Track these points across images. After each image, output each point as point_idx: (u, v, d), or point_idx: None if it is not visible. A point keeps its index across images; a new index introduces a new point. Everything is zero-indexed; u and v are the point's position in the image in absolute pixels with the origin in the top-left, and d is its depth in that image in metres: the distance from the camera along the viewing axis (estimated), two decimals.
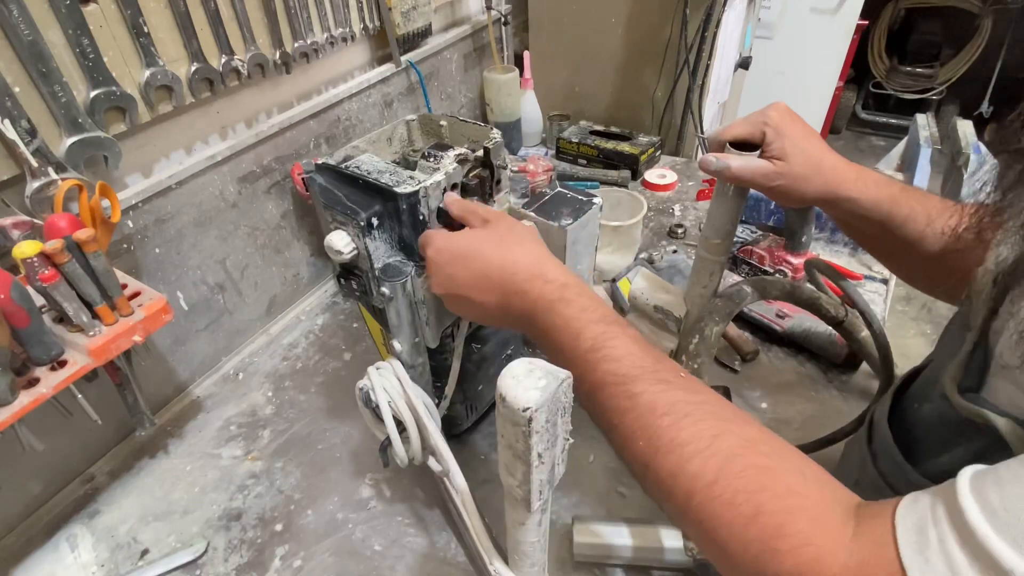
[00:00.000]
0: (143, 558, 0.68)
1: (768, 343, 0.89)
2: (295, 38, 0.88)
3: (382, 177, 0.54)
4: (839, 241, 1.05)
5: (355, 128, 1.05)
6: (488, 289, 0.49)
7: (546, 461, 0.39)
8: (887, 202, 0.53)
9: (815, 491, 0.34)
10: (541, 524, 0.47)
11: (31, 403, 0.56)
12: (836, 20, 2.30)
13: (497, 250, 0.49)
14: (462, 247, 0.51)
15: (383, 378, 0.59)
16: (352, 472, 0.76)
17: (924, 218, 0.52)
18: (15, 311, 0.53)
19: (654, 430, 0.37)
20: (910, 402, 0.48)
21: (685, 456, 0.36)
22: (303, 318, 1.03)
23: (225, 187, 0.85)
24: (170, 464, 0.79)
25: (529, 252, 0.49)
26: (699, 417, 0.37)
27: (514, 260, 0.48)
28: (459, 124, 0.66)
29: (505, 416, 0.36)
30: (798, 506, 0.33)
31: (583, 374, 0.42)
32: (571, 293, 0.45)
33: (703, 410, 0.38)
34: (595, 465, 0.74)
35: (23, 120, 0.60)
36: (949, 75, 3.02)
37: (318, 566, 0.66)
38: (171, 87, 0.73)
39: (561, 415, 0.38)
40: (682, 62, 1.24)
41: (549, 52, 1.40)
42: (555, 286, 0.46)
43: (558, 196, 0.62)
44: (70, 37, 0.62)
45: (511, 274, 0.48)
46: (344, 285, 0.59)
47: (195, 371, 0.90)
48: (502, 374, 0.36)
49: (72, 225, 0.58)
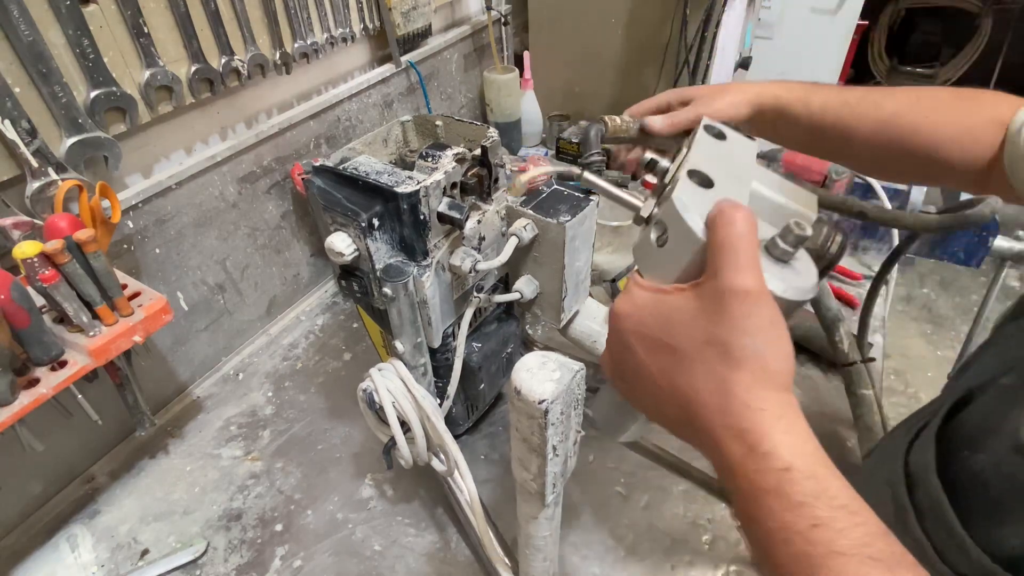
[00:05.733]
0: (143, 558, 0.68)
1: None
2: (295, 38, 0.88)
3: (381, 178, 0.54)
4: None
5: (355, 128, 1.05)
6: (666, 405, 0.35)
7: (560, 453, 0.39)
8: (801, 91, 0.54)
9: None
10: (553, 518, 0.47)
11: (31, 403, 0.56)
12: (836, 20, 2.29)
13: (684, 358, 0.33)
14: (644, 317, 0.35)
15: (386, 379, 0.59)
16: (352, 472, 0.76)
17: (845, 106, 0.52)
18: (15, 311, 0.53)
19: None
20: (956, 448, 0.40)
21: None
22: (303, 318, 1.03)
23: (225, 187, 0.85)
24: (170, 464, 0.79)
25: (730, 384, 0.31)
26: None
27: (694, 393, 0.32)
28: (455, 124, 0.66)
29: (520, 409, 0.36)
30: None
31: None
32: (799, 487, 0.29)
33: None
34: (595, 465, 0.74)
35: (23, 121, 0.60)
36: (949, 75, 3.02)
37: (318, 566, 0.66)
38: (171, 87, 0.73)
39: (574, 407, 0.38)
40: (682, 62, 1.24)
41: (549, 52, 1.40)
42: (772, 469, 0.29)
43: (555, 194, 0.62)
44: (70, 37, 0.62)
45: (690, 412, 0.33)
46: (345, 286, 0.59)
47: (195, 371, 0.90)
48: (516, 367, 0.36)
49: (72, 225, 0.58)
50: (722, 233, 0.32)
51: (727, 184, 0.37)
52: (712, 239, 0.32)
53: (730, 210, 0.32)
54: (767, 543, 0.29)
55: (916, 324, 0.92)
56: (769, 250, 0.34)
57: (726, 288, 0.31)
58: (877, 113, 0.51)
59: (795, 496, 0.28)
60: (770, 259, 0.34)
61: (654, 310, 0.35)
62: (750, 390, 0.31)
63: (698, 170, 0.37)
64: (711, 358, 0.32)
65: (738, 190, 0.38)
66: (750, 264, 0.31)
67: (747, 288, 0.30)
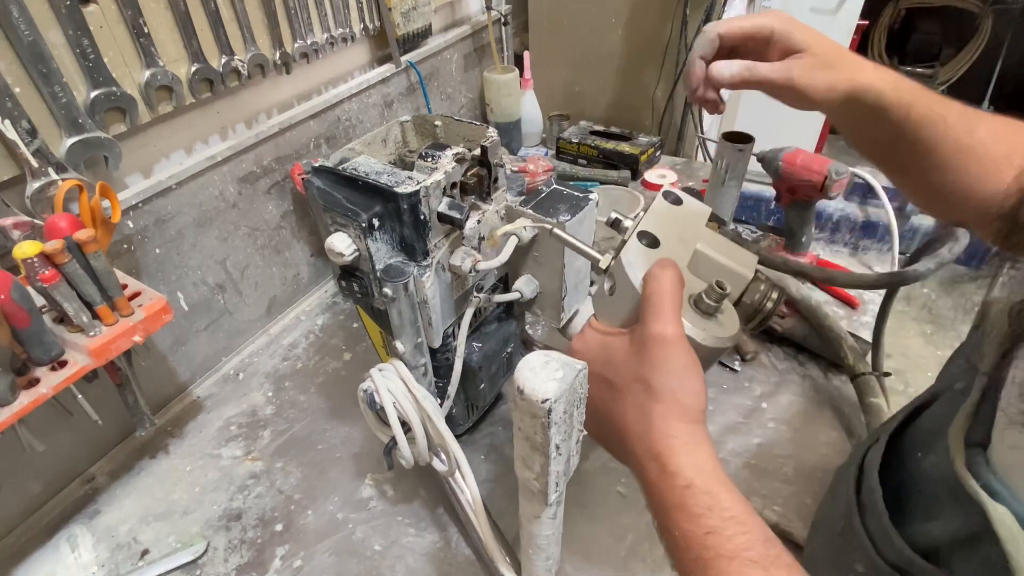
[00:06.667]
0: (143, 558, 0.68)
1: (768, 343, 0.89)
2: (295, 38, 0.88)
3: (381, 178, 0.54)
4: (839, 241, 1.05)
5: (355, 128, 1.06)
6: (605, 430, 0.41)
7: (563, 452, 0.39)
8: (908, 95, 0.44)
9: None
10: (556, 517, 0.47)
11: (31, 403, 0.56)
12: (836, 20, 2.29)
13: (611, 388, 0.39)
14: (591, 355, 0.41)
15: (387, 380, 0.59)
16: (352, 472, 0.76)
17: (941, 122, 0.44)
18: (15, 311, 0.53)
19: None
20: (911, 448, 0.43)
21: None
22: (303, 318, 1.03)
23: (225, 187, 0.85)
24: (170, 464, 0.79)
25: (650, 415, 0.37)
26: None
27: (624, 421, 0.38)
28: (454, 124, 0.66)
29: (523, 408, 0.37)
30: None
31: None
32: (696, 501, 0.34)
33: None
34: (595, 465, 0.74)
35: (23, 120, 0.60)
36: (949, 75, 3.02)
37: (318, 566, 0.66)
38: (171, 87, 0.73)
39: (577, 406, 0.38)
40: (682, 62, 1.24)
41: (549, 52, 1.40)
42: (677, 486, 0.34)
43: (555, 193, 0.62)
44: (70, 37, 0.62)
45: (621, 437, 0.39)
46: (345, 287, 0.59)
47: (195, 371, 0.90)
48: (519, 366, 0.37)
49: (72, 225, 0.58)
50: (650, 288, 0.38)
51: (673, 245, 0.44)
52: (643, 293, 0.39)
53: (659, 270, 0.38)
54: (675, 549, 0.34)
55: (916, 324, 0.92)
56: (697, 304, 0.40)
57: (649, 335, 0.37)
58: (969, 139, 0.43)
59: (694, 509, 0.33)
60: (696, 311, 0.40)
61: (599, 350, 0.41)
62: (665, 419, 0.36)
63: (648, 231, 0.44)
64: (637, 392, 0.37)
65: (682, 251, 0.44)
66: (670, 315, 0.37)
67: (665, 335, 0.36)
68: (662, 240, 0.43)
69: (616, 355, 0.40)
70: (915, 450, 0.43)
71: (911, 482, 0.41)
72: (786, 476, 0.71)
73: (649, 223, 0.45)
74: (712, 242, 0.46)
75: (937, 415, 0.43)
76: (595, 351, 0.41)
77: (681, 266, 0.41)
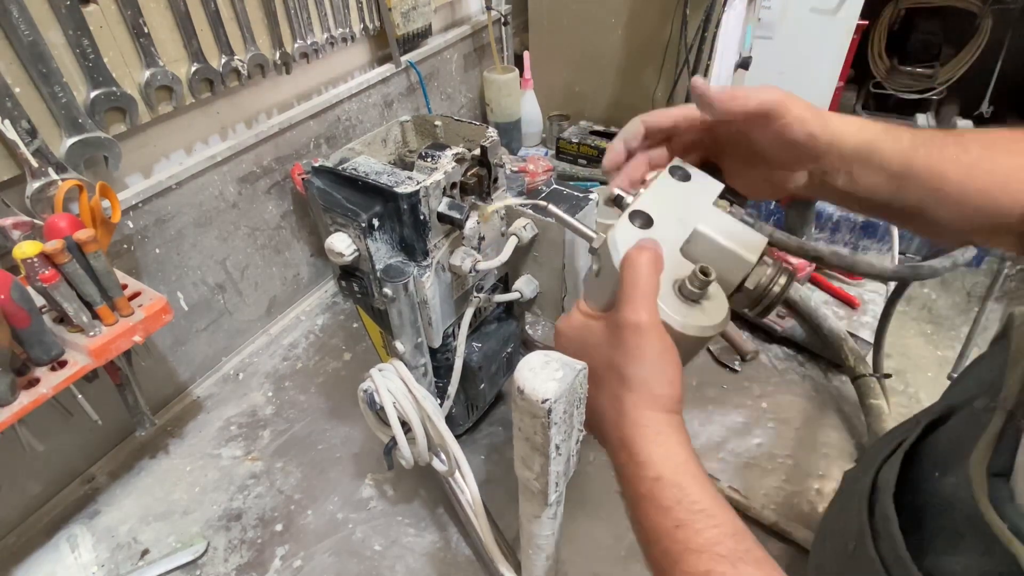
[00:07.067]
0: (143, 558, 0.68)
1: (768, 343, 0.89)
2: (295, 38, 0.88)
3: (381, 178, 0.54)
4: (839, 241, 1.05)
5: (355, 128, 1.05)
6: (585, 413, 0.40)
7: (563, 452, 0.39)
8: (910, 151, 0.38)
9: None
10: (556, 517, 0.47)
11: (31, 403, 0.56)
12: (836, 20, 2.29)
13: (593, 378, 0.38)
14: (572, 335, 0.41)
15: (387, 380, 0.59)
16: (352, 472, 0.76)
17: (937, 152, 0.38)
18: (15, 311, 0.53)
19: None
20: (927, 466, 0.40)
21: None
22: (303, 318, 1.03)
23: (225, 187, 0.85)
24: (170, 464, 0.79)
25: (622, 403, 0.36)
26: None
27: (600, 407, 0.38)
28: (454, 124, 0.66)
29: (523, 409, 0.37)
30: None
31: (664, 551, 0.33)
32: (666, 493, 0.33)
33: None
34: (595, 465, 0.74)
35: (23, 121, 0.60)
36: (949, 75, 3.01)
37: (318, 566, 0.66)
38: (171, 87, 0.73)
39: (577, 406, 0.38)
40: (682, 62, 1.24)
41: (549, 52, 1.40)
42: (646, 477, 0.34)
43: (554, 193, 0.62)
44: (70, 38, 0.62)
45: (599, 421, 0.39)
46: (345, 287, 0.59)
47: (195, 371, 0.90)
48: (519, 366, 0.36)
49: (72, 225, 0.58)
50: (625, 272, 0.36)
51: (668, 225, 0.41)
52: (620, 277, 0.37)
53: (636, 253, 0.37)
54: (644, 541, 0.34)
55: (916, 324, 0.91)
56: (680, 290, 0.38)
57: (622, 321, 0.36)
58: (966, 157, 0.38)
59: (663, 501, 0.33)
60: (679, 298, 0.38)
61: (581, 332, 0.40)
62: (637, 407, 0.35)
63: (641, 211, 0.41)
64: (611, 379, 0.37)
65: (678, 231, 0.42)
66: (644, 301, 0.35)
67: (638, 322, 0.35)
68: (656, 219, 0.41)
69: (593, 339, 0.39)
70: (932, 469, 0.40)
71: (927, 506, 0.39)
72: (786, 476, 0.71)
73: (646, 201, 0.42)
74: (717, 222, 0.42)
75: (955, 433, 0.41)
76: (576, 333, 0.40)
77: (672, 248, 0.39)
